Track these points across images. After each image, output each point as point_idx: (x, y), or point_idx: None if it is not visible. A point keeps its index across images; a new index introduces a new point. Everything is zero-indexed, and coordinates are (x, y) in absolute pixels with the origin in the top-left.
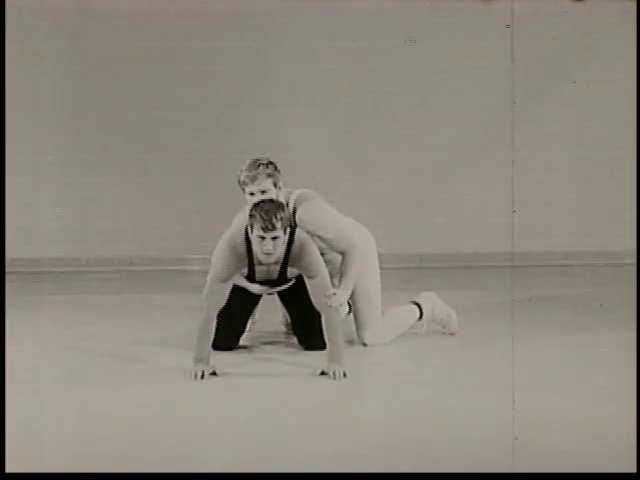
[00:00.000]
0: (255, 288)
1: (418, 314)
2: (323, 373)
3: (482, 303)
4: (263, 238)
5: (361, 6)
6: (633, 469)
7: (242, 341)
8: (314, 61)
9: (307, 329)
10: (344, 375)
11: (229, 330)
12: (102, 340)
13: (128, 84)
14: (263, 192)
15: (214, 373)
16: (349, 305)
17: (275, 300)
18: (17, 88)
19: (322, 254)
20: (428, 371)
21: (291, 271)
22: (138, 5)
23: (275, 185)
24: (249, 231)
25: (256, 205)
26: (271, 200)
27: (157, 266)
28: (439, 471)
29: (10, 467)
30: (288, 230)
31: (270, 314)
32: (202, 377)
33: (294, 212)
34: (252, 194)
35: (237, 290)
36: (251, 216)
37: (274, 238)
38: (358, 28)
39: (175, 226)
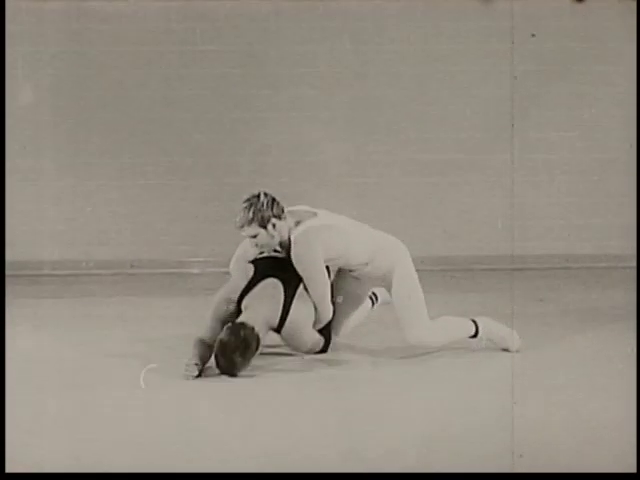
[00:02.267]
0: None
1: (473, 330)
2: None
3: (482, 306)
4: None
5: (361, 8)
6: (633, 469)
7: None
8: (314, 63)
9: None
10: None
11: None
12: (102, 342)
13: (128, 87)
14: (254, 236)
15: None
16: (372, 300)
17: None
18: (17, 90)
19: (351, 270)
20: (428, 372)
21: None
22: (138, 8)
23: (265, 225)
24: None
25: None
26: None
27: (158, 269)
28: (439, 471)
29: (10, 467)
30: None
31: None
32: (197, 373)
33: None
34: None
35: None
36: None
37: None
38: (358, 30)
39: (176, 229)
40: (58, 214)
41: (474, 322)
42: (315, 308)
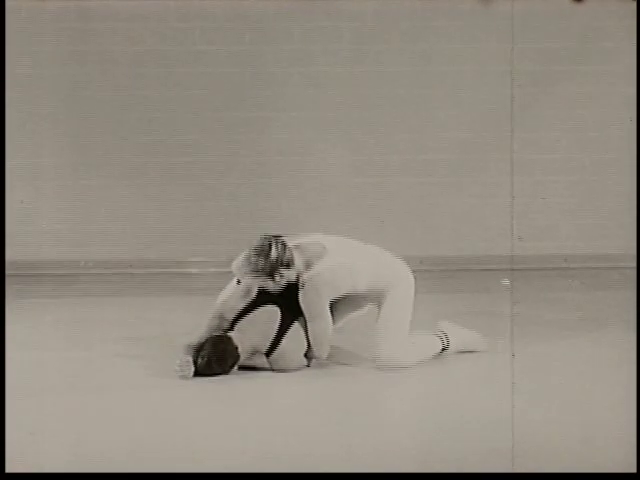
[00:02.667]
0: None
1: (440, 347)
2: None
3: (481, 306)
4: None
5: (360, 8)
6: (633, 469)
7: None
8: (313, 64)
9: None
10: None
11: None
12: (101, 342)
13: (128, 86)
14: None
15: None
16: None
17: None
18: (17, 90)
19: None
20: (428, 372)
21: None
22: (138, 7)
23: (272, 275)
24: None
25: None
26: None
27: (157, 269)
28: (439, 471)
29: (10, 467)
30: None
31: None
32: (194, 369)
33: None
34: None
35: None
36: None
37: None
38: (357, 30)
39: (175, 229)
40: (58, 214)
41: (439, 336)
42: (308, 343)
